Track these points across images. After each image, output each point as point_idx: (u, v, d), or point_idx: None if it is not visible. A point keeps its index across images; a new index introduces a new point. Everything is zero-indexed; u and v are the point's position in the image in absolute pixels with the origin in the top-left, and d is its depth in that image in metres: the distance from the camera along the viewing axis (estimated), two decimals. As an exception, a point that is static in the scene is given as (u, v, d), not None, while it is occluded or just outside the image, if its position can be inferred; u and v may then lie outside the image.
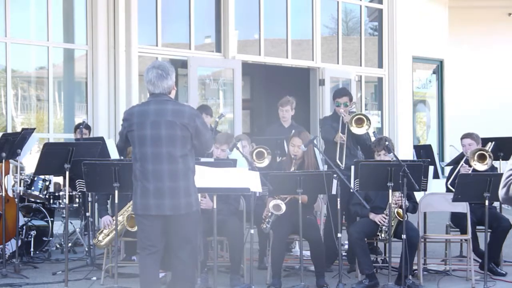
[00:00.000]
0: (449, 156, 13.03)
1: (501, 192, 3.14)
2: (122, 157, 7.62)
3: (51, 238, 8.40)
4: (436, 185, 7.77)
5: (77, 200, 8.58)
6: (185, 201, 5.17)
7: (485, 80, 15.51)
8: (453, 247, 8.03)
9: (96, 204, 7.77)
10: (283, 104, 8.74)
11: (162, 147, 5.15)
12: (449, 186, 7.61)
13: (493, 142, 7.86)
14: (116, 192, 6.41)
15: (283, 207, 6.78)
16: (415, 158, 8.93)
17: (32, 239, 8.14)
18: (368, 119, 7.61)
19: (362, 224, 7.06)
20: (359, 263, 6.98)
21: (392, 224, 6.87)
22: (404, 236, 6.62)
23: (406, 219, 6.78)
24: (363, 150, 7.98)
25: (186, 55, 10.94)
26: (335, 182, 6.65)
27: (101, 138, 8.32)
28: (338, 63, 12.77)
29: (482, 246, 7.29)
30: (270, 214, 6.85)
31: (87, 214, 8.07)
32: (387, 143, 7.08)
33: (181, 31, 11.28)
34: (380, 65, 13.43)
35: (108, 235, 7.09)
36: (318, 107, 12.07)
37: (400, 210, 6.85)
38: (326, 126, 7.91)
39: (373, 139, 7.82)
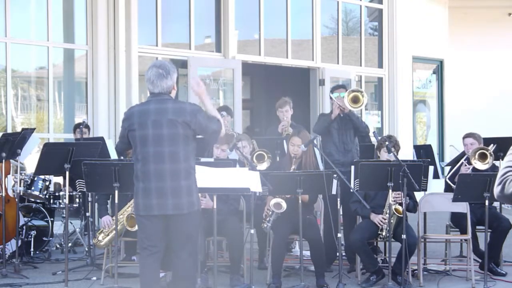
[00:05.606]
0: (449, 156, 13.04)
1: (496, 190, 3.11)
2: (122, 157, 7.62)
3: (51, 238, 8.41)
4: (436, 185, 7.75)
5: (77, 200, 8.58)
6: (187, 200, 5.14)
7: (485, 80, 15.50)
8: (453, 247, 8.03)
9: (96, 204, 7.77)
10: (281, 105, 8.67)
11: (164, 147, 5.11)
12: (448, 180, 7.58)
13: (495, 145, 7.82)
14: (116, 192, 6.41)
15: (284, 205, 6.77)
16: (415, 158, 8.92)
17: (32, 239, 8.14)
18: (362, 94, 7.61)
19: (362, 229, 7.06)
20: (364, 264, 7.07)
21: (392, 221, 6.86)
22: (404, 236, 6.62)
23: (405, 217, 6.77)
24: (362, 138, 8.00)
25: (186, 55, 10.94)
26: (335, 182, 6.65)
27: (101, 138, 8.32)
28: (338, 63, 12.77)
29: (482, 246, 7.28)
30: (270, 212, 6.84)
31: (87, 214, 8.07)
32: (387, 143, 7.08)
33: (181, 31, 11.28)
34: (380, 65, 13.43)
35: (108, 235, 7.09)
36: (318, 107, 12.06)
37: (399, 207, 6.85)
38: (319, 120, 7.97)
39: (373, 139, 7.82)
